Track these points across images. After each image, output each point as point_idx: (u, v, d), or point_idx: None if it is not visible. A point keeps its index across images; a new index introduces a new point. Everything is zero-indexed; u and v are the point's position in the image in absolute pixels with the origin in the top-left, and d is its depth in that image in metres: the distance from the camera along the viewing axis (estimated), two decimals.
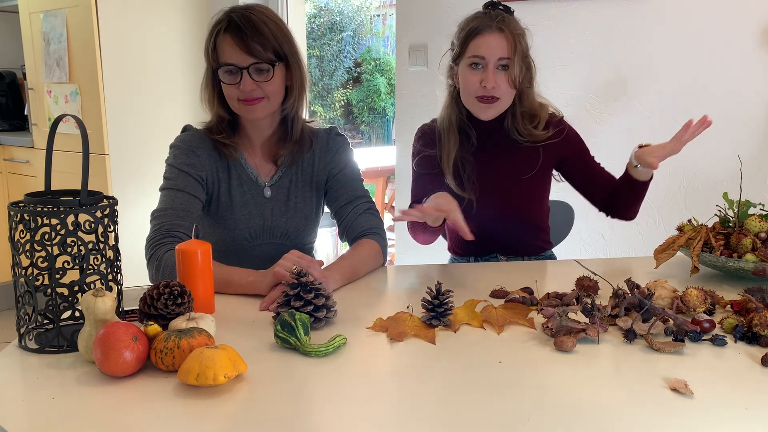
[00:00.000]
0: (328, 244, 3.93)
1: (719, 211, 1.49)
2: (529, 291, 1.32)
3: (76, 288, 1.07)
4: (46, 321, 1.08)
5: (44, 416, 0.86)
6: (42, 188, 1.11)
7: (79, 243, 1.04)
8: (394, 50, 3.97)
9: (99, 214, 1.05)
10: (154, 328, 1.01)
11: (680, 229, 1.49)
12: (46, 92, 3.34)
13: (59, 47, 3.19)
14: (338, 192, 1.61)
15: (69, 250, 1.04)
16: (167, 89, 3.31)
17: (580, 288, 1.31)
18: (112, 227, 1.08)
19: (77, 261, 1.05)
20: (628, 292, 1.18)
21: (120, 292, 1.10)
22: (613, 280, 1.31)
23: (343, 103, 9.01)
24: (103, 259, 1.06)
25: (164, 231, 1.42)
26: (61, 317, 1.07)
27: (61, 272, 1.05)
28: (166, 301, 1.07)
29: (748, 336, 1.09)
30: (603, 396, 0.90)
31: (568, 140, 1.70)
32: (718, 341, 1.08)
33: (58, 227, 1.02)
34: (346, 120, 9.04)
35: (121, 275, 1.11)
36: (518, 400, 0.89)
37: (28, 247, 1.03)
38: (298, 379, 0.96)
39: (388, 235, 1.71)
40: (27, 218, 1.03)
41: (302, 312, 1.11)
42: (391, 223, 4.48)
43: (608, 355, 1.04)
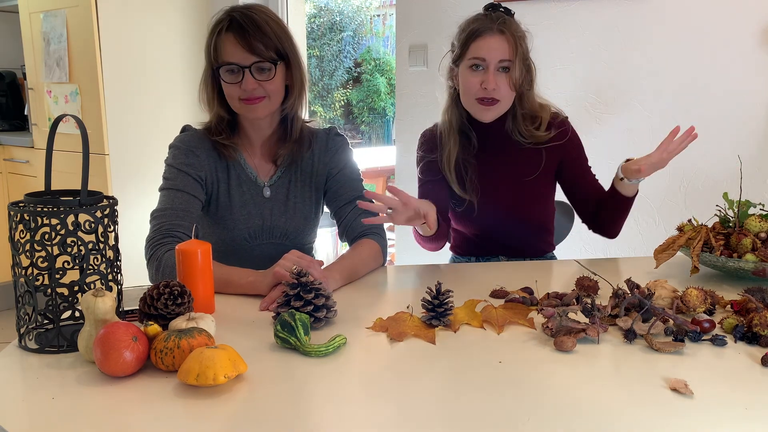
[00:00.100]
0: (328, 244, 3.93)
1: (719, 211, 1.49)
2: (529, 291, 1.32)
3: (76, 288, 1.07)
4: (46, 321, 1.08)
5: (44, 416, 0.86)
6: (42, 188, 1.11)
7: (79, 243, 1.04)
8: (394, 50, 3.97)
9: (99, 214, 1.05)
10: (154, 328, 1.01)
11: (680, 229, 1.49)
12: (46, 92, 3.34)
13: (59, 47, 3.19)
14: (338, 192, 1.61)
15: (69, 250, 1.04)
16: (167, 89, 3.31)
17: (580, 288, 1.31)
18: (112, 227, 1.08)
19: (77, 261, 1.05)
20: (628, 292, 1.18)
21: (120, 292, 1.10)
22: (613, 280, 1.31)
23: (343, 103, 9.01)
24: (103, 259, 1.06)
25: (164, 231, 1.41)
26: (61, 317, 1.07)
27: (61, 272, 1.05)
28: (166, 301, 1.07)
29: (748, 336, 1.09)
30: (603, 396, 0.90)
31: (570, 142, 1.69)
32: (718, 341, 1.08)
33: (58, 227, 1.02)
34: (346, 120, 9.03)
35: (121, 275, 1.11)
36: (518, 400, 0.89)
37: (28, 247, 1.03)
38: (298, 379, 0.96)
39: (388, 235, 1.71)
40: (27, 218, 1.03)
41: (302, 312, 1.11)
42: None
43: (608, 355, 1.04)
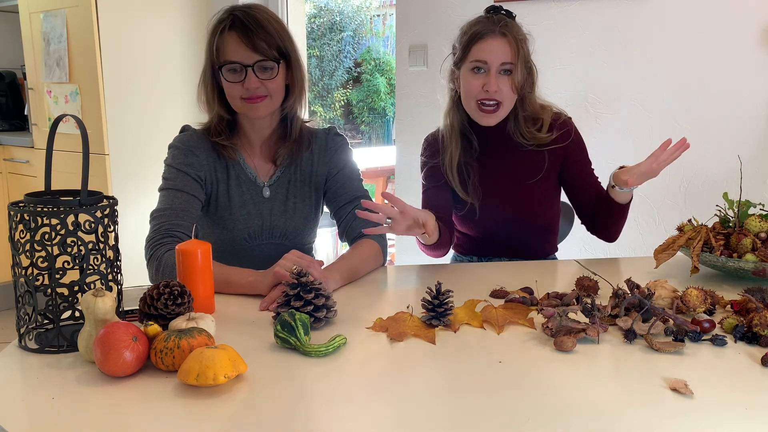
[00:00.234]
0: (328, 244, 3.93)
1: (719, 211, 1.49)
2: (529, 291, 1.32)
3: (76, 288, 1.07)
4: (46, 321, 1.08)
5: (44, 416, 0.86)
6: (42, 188, 1.11)
7: (79, 243, 1.04)
8: (394, 50, 3.97)
9: (99, 214, 1.05)
10: (154, 328, 1.01)
11: (680, 229, 1.49)
12: (46, 92, 3.34)
13: (59, 47, 3.19)
14: (338, 192, 1.61)
15: (69, 250, 1.04)
16: (167, 89, 3.31)
17: (580, 288, 1.31)
18: (112, 227, 1.08)
19: (77, 261, 1.05)
20: (628, 292, 1.18)
21: (120, 292, 1.10)
22: (613, 280, 1.31)
23: (343, 103, 9.01)
24: (103, 259, 1.06)
25: (164, 231, 1.41)
26: (61, 317, 1.07)
27: (61, 272, 1.05)
28: (166, 301, 1.07)
29: (748, 336, 1.09)
30: (603, 396, 0.90)
31: (573, 143, 1.68)
32: (718, 341, 1.08)
33: (58, 227, 1.02)
34: (346, 120, 9.03)
35: (121, 275, 1.11)
36: (518, 400, 0.89)
37: (28, 247, 1.03)
38: (298, 379, 0.96)
39: (388, 235, 1.71)
40: (27, 218, 1.03)
41: (302, 312, 1.11)
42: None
43: (608, 355, 1.04)
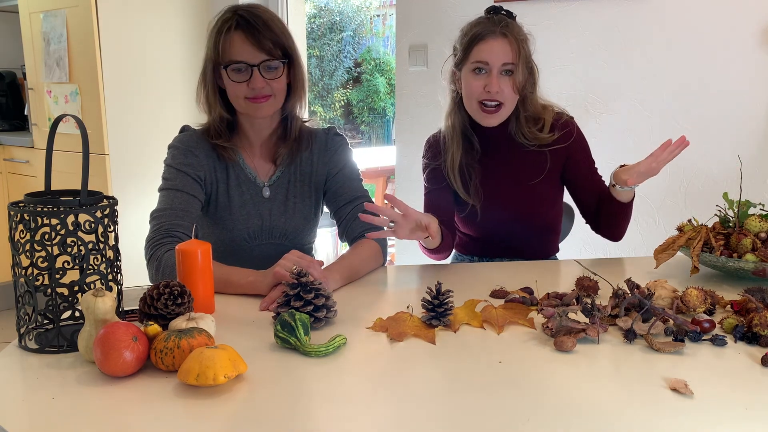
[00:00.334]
0: (328, 244, 3.93)
1: (719, 211, 1.49)
2: (529, 291, 1.32)
3: (76, 288, 1.07)
4: (46, 321, 1.08)
5: (44, 416, 0.86)
6: (42, 188, 1.11)
7: (79, 243, 1.04)
8: (394, 50, 3.97)
9: (99, 214, 1.05)
10: (154, 328, 1.01)
11: (680, 229, 1.49)
12: (46, 92, 3.34)
13: (59, 47, 3.19)
14: (338, 192, 1.61)
15: (69, 250, 1.04)
16: (167, 89, 3.31)
17: (580, 288, 1.31)
18: (112, 227, 1.08)
19: (77, 261, 1.05)
20: (628, 292, 1.18)
21: (120, 292, 1.10)
22: (613, 280, 1.31)
23: (343, 103, 9.01)
24: (103, 259, 1.06)
25: (164, 231, 1.41)
26: (61, 317, 1.07)
27: (61, 272, 1.05)
28: (166, 301, 1.07)
29: (748, 336, 1.09)
30: (603, 396, 0.90)
31: (575, 143, 1.67)
32: (718, 341, 1.08)
33: (58, 227, 1.02)
34: (346, 120, 9.03)
35: (121, 275, 1.11)
36: (518, 400, 0.89)
37: (28, 247, 1.03)
38: (298, 379, 0.96)
39: None
40: (27, 218, 1.03)
41: (302, 312, 1.11)
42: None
43: (608, 355, 1.04)
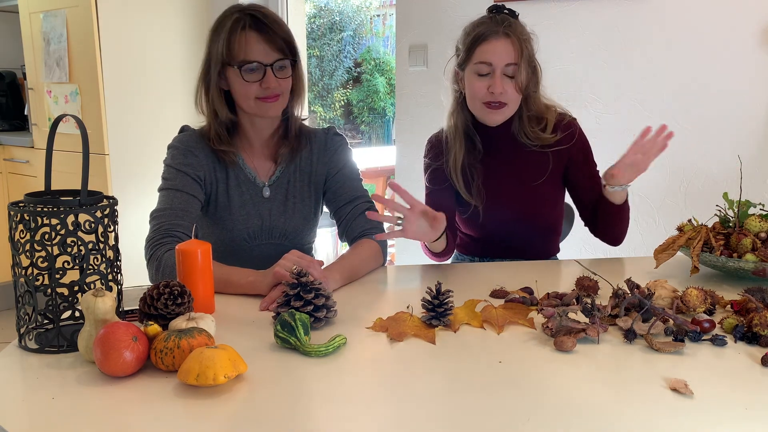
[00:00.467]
0: (328, 244, 3.93)
1: (719, 211, 1.49)
2: (529, 291, 1.32)
3: (76, 288, 1.07)
4: (46, 321, 1.08)
5: (44, 416, 0.86)
6: (42, 188, 1.11)
7: (79, 243, 1.04)
8: (394, 50, 3.97)
9: (99, 214, 1.05)
10: (154, 328, 1.01)
11: (680, 229, 1.49)
12: (46, 92, 3.34)
13: (59, 47, 3.19)
14: (337, 192, 1.61)
15: (69, 250, 1.04)
16: (167, 89, 3.31)
17: (580, 288, 1.31)
18: (112, 227, 1.08)
19: (77, 261, 1.05)
20: (628, 292, 1.18)
21: (120, 292, 1.10)
22: (613, 280, 1.31)
23: (343, 103, 9.01)
24: (103, 259, 1.06)
25: (164, 231, 1.41)
26: (61, 317, 1.07)
27: (61, 272, 1.05)
28: (166, 301, 1.07)
29: (748, 336, 1.09)
30: (603, 396, 0.90)
31: (577, 144, 1.67)
32: (718, 341, 1.08)
33: (58, 227, 1.02)
34: (346, 120, 9.03)
35: (121, 275, 1.11)
36: (518, 400, 0.89)
37: (28, 247, 1.03)
38: (298, 379, 0.96)
39: None
40: (27, 218, 1.03)
41: (302, 312, 1.11)
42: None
43: (608, 355, 1.04)
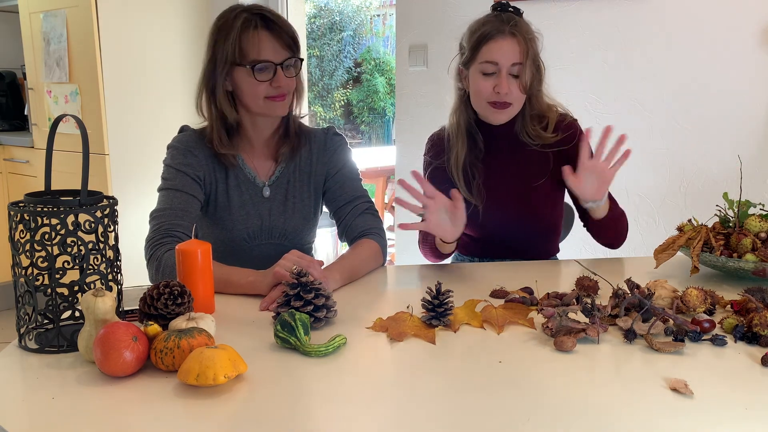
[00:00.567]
0: (328, 244, 3.93)
1: (719, 211, 1.49)
2: (529, 291, 1.32)
3: (76, 288, 1.07)
4: (46, 321, 1.08)
5: (44, 416, 0.86)
6: (42, 188, 1.11)
7: (79, 243, 1.04)
8: (394, 50, 3.97)
9: (99, 214, 1.05)
10: (154, 328, 1.01)
11: (680, 229, 1.49)
12: (46, 92, 3.34)
13: (59, 47, 3.19)
14: (337, 192, 1.61)
15: (69, 250, 1.04)
16: (167, 89, 3.31)
17: (580, 288, 1.31)
18: (112, 227, 1.08)
19: (77, 261, 1.05)
20: (628, 292, 1.18)
21: (120, 292, 1.10)
22: (613, 280, 1.31)
23: (343, 103, 9.02)
24: (103, 259, 1.06)
25: (163, 231, 1.41)
26: (61, 317, 1.07)
27: (61, 272, 1.05)
28: (166, 301, 1.07)
29: (748, 336, 1.09)
30: (603, 396, 0.90)
31: (576, 145, 1.64)
32: (718, 341, 1.08)
33: (58, 227, 1.02)
34: (346, 120, 9.04)
35: (121, 275, 1.11)
36: (518, 400, 0.89)
37: (28, 247, 1.03)
38: (298, 379, 0.96)
39: (388, 235, 1.71)
40: (27, 218, 1.03)
41: (302, 312, 1.11)
42: (390, 223, 4.48)
43: (608, 355, 1.04)
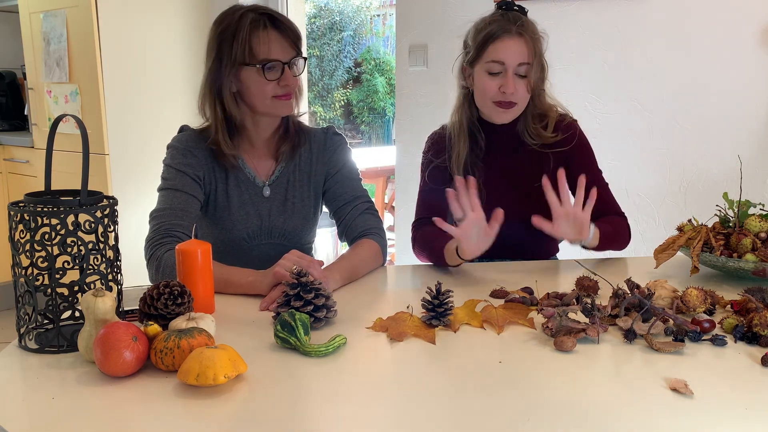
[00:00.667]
0: (328, 244, 3.93)
1: (719, 211, 1.49)
2: (529, 291, 1.32)
3: (76, 288, 1.07)
4: (46, 321, 1.08)
5: (44, 416, 0.86)
6: (42, 188, 1.11)
7: (79, 243, 1.04)
8: (394, 50, 3.97)
9: (99, 214, 1.05)
10: (154, 328, 1.01)
11: (680, 229, 1.49)
12: (46, 92, 3.34)
13: (59, 47, 3.19)
14: (337, 192, 1.61)
15: (69, 250, 1.04)
16: (167, 89, 3.31)
17: (580, 288, 1.31)
18: (112, 227, 1.08)
19: (77, 261, 1.05)
20: (628, 292, 1.18)
21: (120, 292, 1.10)
22: (613, 280, 1.31)
23: (343, 103, 9.01)
24: (103, 259, 1.06)
25: (163, 231, 1.41)
26: (61, 317, 1.07)
27: (61, 272, 1.05)
28: (166, 301, 1.07)
29: (748, 336, 1.09)
30: (603, 396, 0.90)
31: (577, 147, 1.66)
32: (718, 341, 1.08)
33: (58, 227, 1.02)
34: (346, 120, 9.04)
35: (121, 275, 1.11)
36: (518, 400, 0.89)
37: (28, 247, 1.03)
38: (298, 379, 0.96)
39: (388, 235, 1.71)
40: (27, 218, 1.03)
41: (302, 312, 1.11)
42: (390, 223, 4.48)
43: (608, 355, 1.04)
